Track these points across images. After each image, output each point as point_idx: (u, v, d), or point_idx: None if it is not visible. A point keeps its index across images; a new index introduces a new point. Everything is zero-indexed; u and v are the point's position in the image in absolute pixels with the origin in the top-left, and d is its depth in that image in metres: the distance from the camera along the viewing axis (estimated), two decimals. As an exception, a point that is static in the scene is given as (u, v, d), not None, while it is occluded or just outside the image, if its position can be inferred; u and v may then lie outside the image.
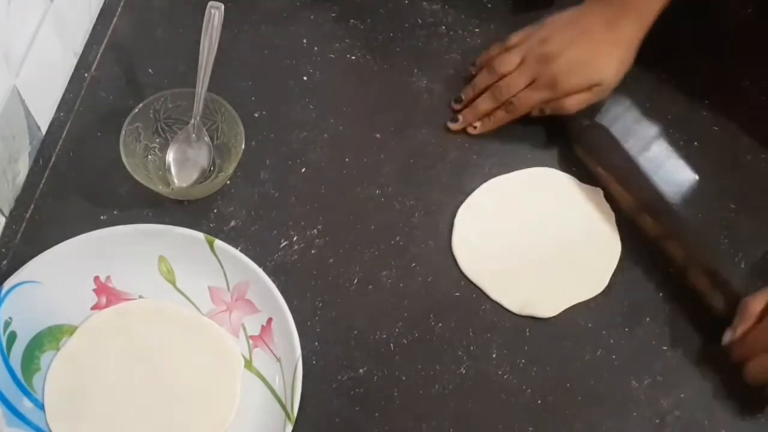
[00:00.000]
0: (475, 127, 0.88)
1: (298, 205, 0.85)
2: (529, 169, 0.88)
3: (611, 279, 0.83)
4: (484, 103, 0.87)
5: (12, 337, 0.75)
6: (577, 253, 0.84)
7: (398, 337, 0.79)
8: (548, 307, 0.81)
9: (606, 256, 0.84)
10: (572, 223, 0.85)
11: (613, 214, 0.85)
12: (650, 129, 0.90)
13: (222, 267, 0.79)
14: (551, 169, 0.88)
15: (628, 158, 0.85)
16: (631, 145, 0.87)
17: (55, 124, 0.88)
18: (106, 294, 0.79)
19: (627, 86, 0.87)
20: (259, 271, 0.78)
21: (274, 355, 0.76)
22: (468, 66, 0.92)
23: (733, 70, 0.94)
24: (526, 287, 0.82)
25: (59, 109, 0.89)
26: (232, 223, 0.84)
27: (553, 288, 0.82)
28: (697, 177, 0.87)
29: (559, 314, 0.81)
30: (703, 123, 0.91)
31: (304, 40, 0.94)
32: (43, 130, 0.87)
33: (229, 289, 0.79)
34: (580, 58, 0.83)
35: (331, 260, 0.82)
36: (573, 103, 0.85)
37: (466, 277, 0.82)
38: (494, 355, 0.79)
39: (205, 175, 0.85)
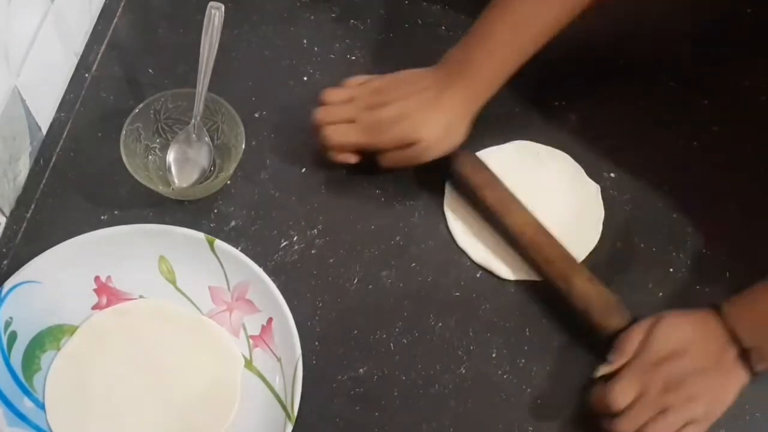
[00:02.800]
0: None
1: (298, 205, 0.85)
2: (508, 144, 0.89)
3: (611, 280, 0.82)
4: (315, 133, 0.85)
5: (13, 337, 0.75)
6: (566, 218, 0.85)
7: (398, 337, 0.80)
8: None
9: (593, 219, 0.85)
10: (557, 192, 0.87)
11: (597, 185, 0.87)
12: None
13: (222, 267, 0.79)
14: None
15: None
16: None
17: (56, 125, 0.88)
18: (107, 294, 0.79)
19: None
20: (260, 271, 0.78)
21: (275, 355, 0.77)
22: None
23: (733, 70, 0.94)
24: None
25: (60, 109, 0.89)
26: (233, 223, 0.84)
27: None
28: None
29: (559, 314, 0.81)
30: (702, 123, 0.91)
31: (305, 41, 0.94)
32: (44, 130, 0.87)
33: (229, 289, 0.79)
34: (402, 113, 0.81)
35: (331, 260, 0.83)
36: (389, 159, 0.83)
37: (463, 267, 0.83)
38: (494, 355, 0.79)
39: (205, 175, 0.85)
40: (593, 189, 0.87)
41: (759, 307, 0.75)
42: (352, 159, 0.84)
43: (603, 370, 0.75)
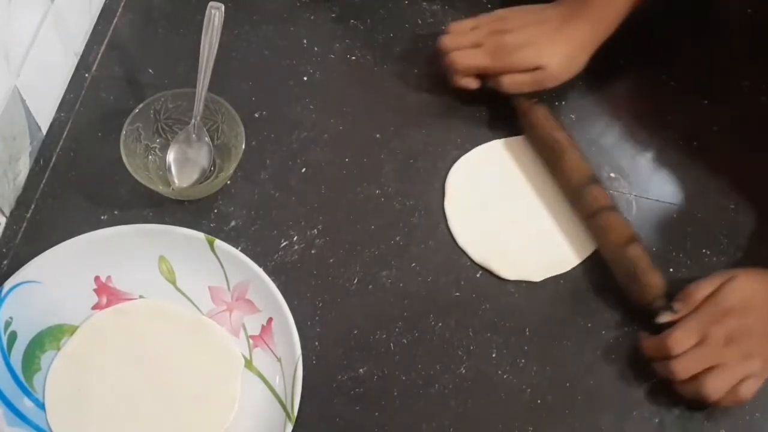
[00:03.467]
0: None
1: (298, 205, 0.85)
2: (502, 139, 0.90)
3: (612, 280, 0.83)
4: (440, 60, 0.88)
5: (13, 337, 0.75)
6: (565, 216, 0.85)
7: (398, 337, 0.80)
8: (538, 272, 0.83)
9: None
10: (555, 190, 0.87)
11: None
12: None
13: (222, 267, 0.79)
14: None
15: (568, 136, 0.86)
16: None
17: (56, 125, 0.88)
18: (107, 294, 0.79)
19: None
20: (260, 271, 0.78)
21: (275, 355, 0.77)
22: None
23: (733, 70, 0.94)
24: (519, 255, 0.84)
25: (60, 109, 0.89)
26: (233, 223, 0.84)
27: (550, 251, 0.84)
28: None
29: (559, 314, 0.81)
30: (702, 123, 0.91)
31: (305, 41, 0.94)
32: (44, 130, 0.87)
33: (229, 289, 0.79)
34: (527, 39, 0.85)
35: (332, 260, 0.83)
36: (511, 82, 0.86)
37: (463, 267, 0.83)
38: (494, 355, 0.79)
39: (205, 175, 0.85)
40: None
41: None
42: (473, 84, 0.87)
43: (666, 317, 0.76)
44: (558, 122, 0.87)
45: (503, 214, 0.85)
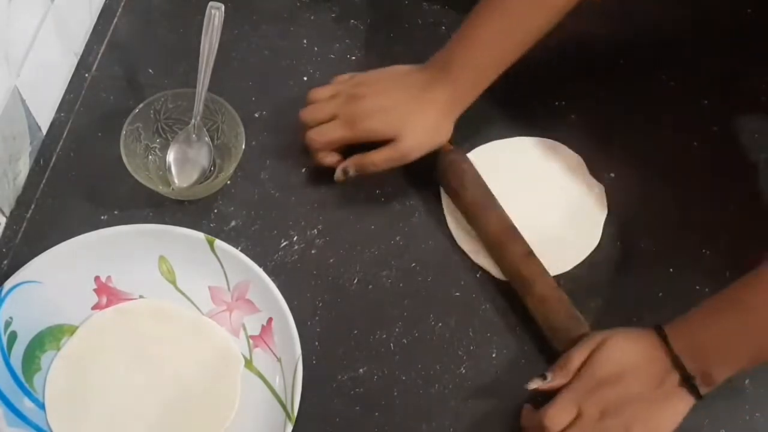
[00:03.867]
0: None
1: (298, 205, 0.85)
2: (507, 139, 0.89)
3: (611, 280, 0.83)
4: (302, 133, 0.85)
5: (13, 337, 0.75)
6: (565, 215, 0.85)
7: (398, 337, 0.79)
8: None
9: (595, 219, 0.85)
10: (561, 190, 0.87)
11: (601, 185, 0.87)
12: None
13: (222, 267, 0.79)
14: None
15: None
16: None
17: (56, 125, 0.88)
18: (107, 294, 0.79)
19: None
20: (260, 270, 0.78)
21: (275, 355, 0.77)
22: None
23: (733, 70, 0.94)
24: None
25: (60, 109, 0.89)
26: (233, 223, 0.84)
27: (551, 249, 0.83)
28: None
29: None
30: (702, 124, 0.91)
31: (305, 41, 0.94)
32: (44, 130, 0.87)
33: (229, 289, 0.79)
34: (382, 106, 0.81)
35: (331, 260, 0.83)
36: (374, 161, 0.81)
37: (463, 267, 0.83)
38: (494, 355, 0.79)
39: (205, 175, 0.85)
40: (597, 189, 0.86)
41: (701, 332, 0.71)
42: (329, 159, 0.83)
43: (536, 383, 0.74)
44: (475, 172, 0.84)
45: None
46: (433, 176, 0.85)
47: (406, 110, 0.81)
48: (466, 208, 0.83)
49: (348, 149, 0.84)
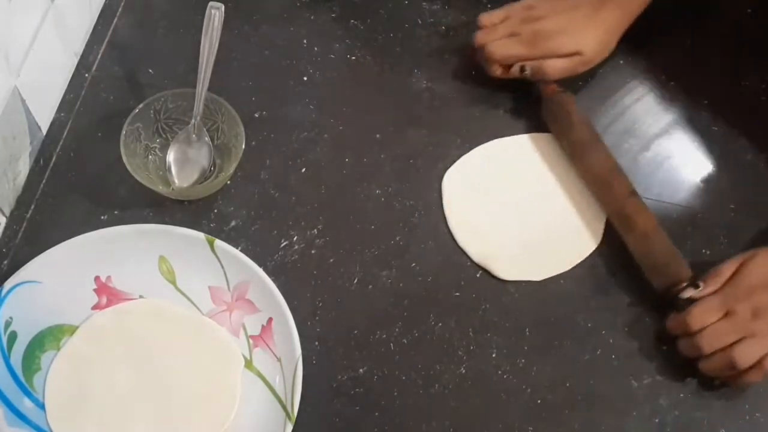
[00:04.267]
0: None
1: (298, 205, 0.85)
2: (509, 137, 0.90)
3: (612, 279, 0.83)
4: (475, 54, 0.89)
5: (13, 337, 0.75)
6: (566, 215, 0.86)
7: (398, 337, 0.80)
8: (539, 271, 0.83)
9: (595, 218, 0.85)
10: (558, 189, 0.87)
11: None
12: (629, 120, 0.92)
13: (222, 267, 0.79)
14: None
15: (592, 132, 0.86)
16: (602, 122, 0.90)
17: (56, 125, 0.88)
18: (107, 294, 0.79)
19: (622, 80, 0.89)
20: (260, 271, 0.78)
21: (275, 355, 0.77)
22: (469, 66, 0.92)
23: (733, 70, 0.94)
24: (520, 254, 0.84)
25: (60, 109, 0.89)
26: (233, 223, 0.84)
27: (550, 251, 0.84)
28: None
29: (559, 314, 0.81)
30: (703, 123, 0.91)
31: (305, 41, 0.94)
32: (44, 130, 0.87)
33: (229, 289, 0.79)
34: (560, 26, 0.86)
35: (332, 260, 0.83)
36: (554, 67, 0.86)
37: (463, 266, 0.83)
38: (494, 355, 0.79)
39: (205, 175, 0.85)
40: None
41: None
42: (513, 73, 0.87)
43: (689, 292, 0.76)
44: (584, 113, 0.87)
45: (503, 214, 0.85)
46: (440, 175, 0.87)
47: (582, 29, 0.86)
48: (572, 147, 0.86)
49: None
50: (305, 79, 0.92)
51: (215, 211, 0.84)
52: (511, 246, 0.84)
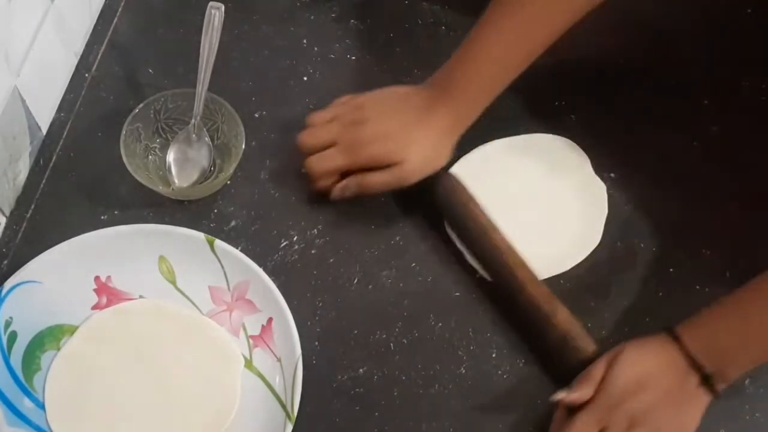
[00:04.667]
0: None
1: (298, 205, 0.85)
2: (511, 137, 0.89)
3: (612, 279, 0.83)
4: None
5: (13, 337, 0.75)
6: (566, 215, 0.86)
7: (398, 337, 0.80)
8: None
9: (595, 218, 0.85)
10: (558, 189, 0.87)
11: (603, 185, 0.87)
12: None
13: (222, 267, 0.79)
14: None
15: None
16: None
17: (56, 125, 0.88)
18: (107, 294, 0.79)
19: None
20: (260, 270, 0.78)
21: (275, 355, 0.77)
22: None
23: (733, 70, 0.94)
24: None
25: (60, 109, 0.89)
26: (233, 223, 0.84)
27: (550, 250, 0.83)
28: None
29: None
30: (702, 123, 0.91)
31: (305, 41, 0.94)
32: (44, 130, 0.87)
33: (229, 289, 0.79)
34: (385, 131, 0.80)
35: (331, 260, 0.83)
36: (374, 182, 0.81)
37: (463, 266, 0.83)
38: (494, 355, 0.79)
39: (205, 176, 0.85)
40: (600, 188, 0.87)
41: (715, 331, 0.73)
42: (329, 184, 0.82)
43: (561, 395, 0.74)
44: (476, 200, 0.82)
45: (503, 214, 0.85)
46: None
47: (407, 136, 0.80)
48: (469, 230, 0.81)
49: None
50: (305, 79, 0.92)
51: (215, 211, 0.84)
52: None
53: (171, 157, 0.85)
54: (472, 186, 0.86)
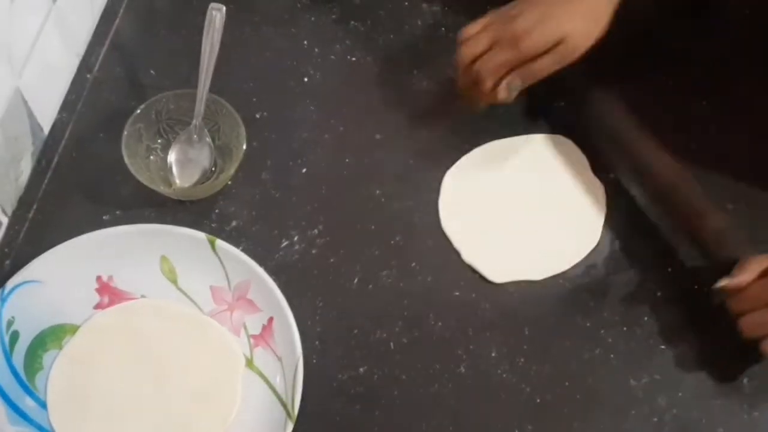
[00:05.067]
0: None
1: (299, 205, 0.85)
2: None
3: (610, 279, 0.83)
4: (461, 77, 0.83)
5: (15, 337, 0.76)
6: (564, 215, 0.86)
7: (398, 336, 0.80)
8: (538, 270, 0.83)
9: (595, 218, 0.86)
10: (557, 189, 0.87)
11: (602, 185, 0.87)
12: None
13: (223, 266, 0.79)
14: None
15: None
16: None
17: (58, 125, 0.88)
18: (109, 293, 0.79)
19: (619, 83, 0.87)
20: (261, 270, 0.78)
21: (275, 354, 0.77)
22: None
23: (733, 70, 0.94)
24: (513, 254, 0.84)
25: (62, 110, 0.89)
26: (234, 223, 0.84)
27: (546, 251, 0.84)
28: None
29: (558, 314, 0.81)
30: (703, 123, 0.91)
31: (305, 42, 0.95)
32: (46, 130, 0.87)
33: (230, 289, 0.79)
34: (539, 15, 0.78)
35: (332, 260, 0.83)
36: (541, 67, 0.79)
37: (463, 266, 0.83)
38: (493, 354, 0.79)
39: (206, 176, 0.85)
40: (598, 189, 0.87)
41: None
42: (503, 93, 0.81)
43: (724, 281, 0.76)
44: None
45: (503, 214, 0.86)
46: (440, 175, 0.86)
47: (561, 10, 0.78)
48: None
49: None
50: (306, 80, 0.92)
51: (216, 211, 0.84)
52: (511, 245, 0.84)
53: (172, 157, 0.85)
54: (471, 186, 0.87)
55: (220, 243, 0.79)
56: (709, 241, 0.80)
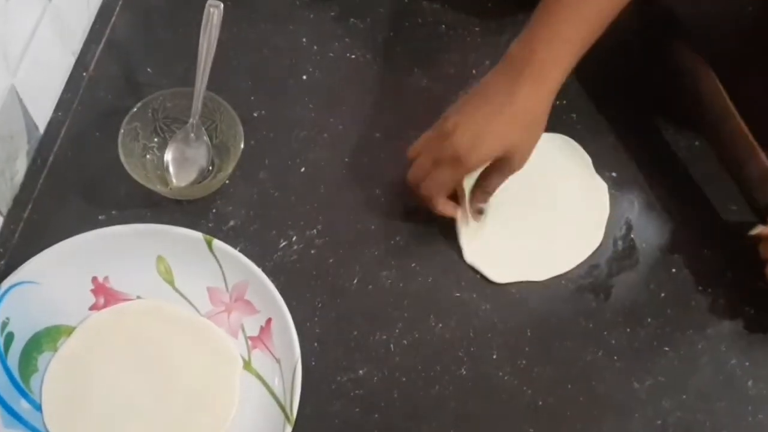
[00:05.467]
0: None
1: (297, 204, 0.85)
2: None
3: (612, 280, 0.82)
4: (414, 195, 0.82)
5: (9, 338, 0.75)
6: (567, 215, 0.86)
7: (398, 337, 0.79)
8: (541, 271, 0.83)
9: (597, 218, 0.85)
10: (559, 189, 0.87)
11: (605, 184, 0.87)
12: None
13: (221, 267, 0.79)
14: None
15: None
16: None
17: (53, 124, 0.87)
18: (104, 294, 0.79)
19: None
20: (258, 271, 0.78)
21: (274, 356, 0.76)
22: (469, 66, 0.92)
23: (733, 70, 0.94)
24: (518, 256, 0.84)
25: (57, 108, 0.88)
26: (231, 223, 0.83)
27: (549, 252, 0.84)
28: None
29: (560, 315, 0.81)
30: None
31: (304, 40, 0.94)
32: (41, 129, 0.87)
33: (227, 290, 0.79)
34: (476, 131, 0.76)
35: (331, 260, 0.82)
36: (493, 184, 0.80)
37: (464, 267, 0.82)
38: (494, 356, 0.79)
39: (203, 175, 0.85)
40: (602, 188, 0.86)
41: None
42: (449, 209, 0.81)
43: (758, 229, 0.78)
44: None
45: (504, 214, 0.85)
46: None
47: (498, 127, 0.76)
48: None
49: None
50: (304, 78, 0.92)
51: (214, 210, 0.84)
52: (512, 246, 0.83)
53: (169, 156, 0.85)
54: (471, 186, 0.86)
55: (217, 243, 0.78)
56: (752, 179, 0.81)
